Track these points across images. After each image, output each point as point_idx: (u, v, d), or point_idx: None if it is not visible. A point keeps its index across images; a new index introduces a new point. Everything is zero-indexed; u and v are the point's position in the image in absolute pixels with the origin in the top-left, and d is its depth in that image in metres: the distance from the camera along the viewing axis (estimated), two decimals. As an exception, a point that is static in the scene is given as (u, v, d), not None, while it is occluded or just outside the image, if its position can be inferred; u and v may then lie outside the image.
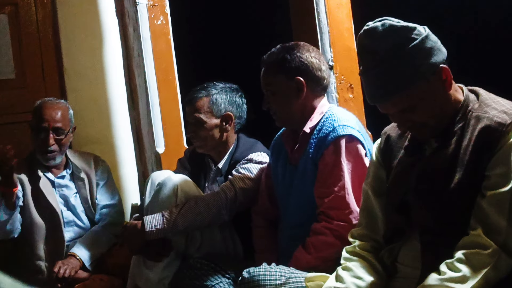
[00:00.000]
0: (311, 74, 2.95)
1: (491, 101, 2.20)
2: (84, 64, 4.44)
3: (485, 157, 2.09)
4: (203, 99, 3.41)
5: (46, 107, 3.69)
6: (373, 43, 2.19)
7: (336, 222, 2.77)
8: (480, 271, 2.02)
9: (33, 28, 4.46)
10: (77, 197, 3.81)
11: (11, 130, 4.35)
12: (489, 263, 2.02)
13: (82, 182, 3.81)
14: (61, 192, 3.78)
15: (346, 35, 3.74)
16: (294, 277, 2.65)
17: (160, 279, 3.25)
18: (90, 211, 3.84)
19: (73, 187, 3.82)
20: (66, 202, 3.79)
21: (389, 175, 2.39)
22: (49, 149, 3.65)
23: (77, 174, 3.81)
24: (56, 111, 3.69)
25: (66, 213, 3.77)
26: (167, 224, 3.13)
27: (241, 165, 3.32)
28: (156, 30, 4.00)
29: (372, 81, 2.22)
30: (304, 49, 2.98)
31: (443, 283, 2.04)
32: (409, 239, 2.29)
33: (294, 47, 2.98)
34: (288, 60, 2.93)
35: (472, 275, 2.02)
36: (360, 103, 3.71)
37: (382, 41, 2.17)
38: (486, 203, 2.07)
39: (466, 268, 2.03)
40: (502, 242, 2.03)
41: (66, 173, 3.82)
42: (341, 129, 2.84)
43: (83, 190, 3.81)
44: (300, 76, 2.93)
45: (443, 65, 2.17)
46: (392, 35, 2.16)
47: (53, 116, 3.66)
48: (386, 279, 2.33)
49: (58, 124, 3.66)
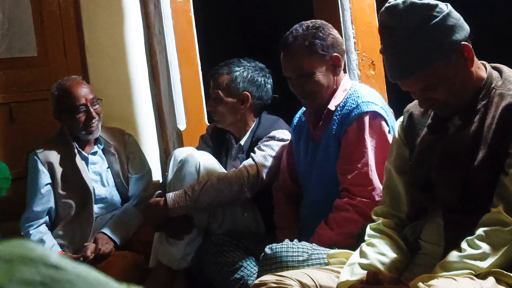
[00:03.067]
0: (341, 50, 2.96)
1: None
2: (105, 42, 4.45)
3: (509, 134, 2.09)
4: (224, 76, 3.42)
5: (73, 86, 3.70)
6: (394, 20, 2.18)
7: (359, 198, 2.78)
8: (500, 249, 2.03)
9: (54, 6, 4.47)
10: (109, 172, 3.82)
11: (33, 108, 4.38)
12: (509, 240, 2.03)
13: (113, 157, 3.81)
14: (95, 169, 3.79)
15: (368, 11, 3.72)
16: (317, 253, 2.67)
17: (183, 256, 3.28)
18: (122, 185, 3.84)
19: (105, 162, 3.83)
20: (100, 178, 3.80)
21: (412, 153, 2.39)
22: (92, 122, 3.67)
23: (108, 148, 3.81)
24: (82, 85, 3.73)
25: (99, 189, 3.77)
26: (189, 201, 3.15)
27: (263, 142, 3.32)
28: (177, 8, 4.00)
29: (393, 59, 2.21)
30: (328, 26, 2.97)
31: (462, 260, 2.05)
32: (432, 217, 2.29)
33: (321, 26, 2.96)
34: (322, 38, 2.90)
35: (492, 252, 2.03)
36: (382, 80, 3.69)
37: (403, 18, 2.16)
38: (509, 180, 2.07)
39: (486, 245, 2.04)
40: None
41: (98, 148, 3.82)
42: (365, 106, 2.84)
43: (115, 164, 3.81)
44: (335, 52, 2.93)
45: (464, 43, 2.16)
46: (413, 12, 2.15)
47: (84, 91, 3.69)
48: (409, 255, 2.35)
49: (91, 96, 3.69)
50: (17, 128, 4.31)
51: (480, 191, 2.14)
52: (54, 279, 0.58)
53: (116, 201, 3.84)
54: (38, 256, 0.59)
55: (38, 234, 3.64)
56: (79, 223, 3.70)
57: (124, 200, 3.86)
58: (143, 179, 3.87)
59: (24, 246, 0.60)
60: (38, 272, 0.58)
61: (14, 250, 0.59)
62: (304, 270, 2.48)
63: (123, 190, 3.85)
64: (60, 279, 0.58)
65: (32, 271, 0.58)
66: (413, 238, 2.35)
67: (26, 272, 0.57)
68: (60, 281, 0.58)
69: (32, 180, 3.70)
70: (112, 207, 3.82)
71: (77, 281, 0.59)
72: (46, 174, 3.68)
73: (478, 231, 2.07)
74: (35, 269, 0.58)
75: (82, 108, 3.65)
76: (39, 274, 0.58)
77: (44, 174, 3.68)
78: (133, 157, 3.89)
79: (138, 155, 3.93)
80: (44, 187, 3.67)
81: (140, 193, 3.83)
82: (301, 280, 2.35)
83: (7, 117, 4.30)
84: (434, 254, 2.23)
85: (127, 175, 3.85)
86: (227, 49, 3.91)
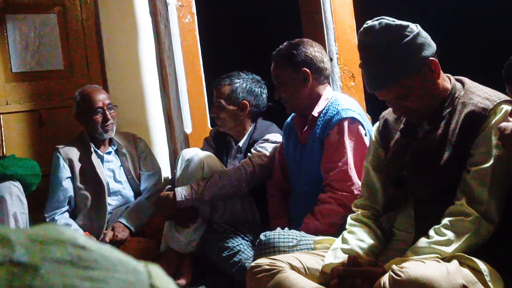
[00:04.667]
0: (315, 66, 2.94)
1: (475, 89, 2.19)
2: (122, 57, 4.43)
3: (470, 137, 2.09)
4: (226, 87, 3.41)
5: (93, 92, 3.72)
6: (370, 39, 2.18)
7: (340, 192, 2.78)
8: (462, 236, 2.03)
9: (78, 26, 4.46)
10: (121, 169, 3.83)
11: (60, 114, 4.37)
12: (470, 229, 2.03)
13: (124, 157, 3.82)
14: (109, 166, 3.79)
15: (348, 30, 3.71)
16: (304, 240, 2.66)
17: (189, 241, 3.28)
18: (134, 181, 3.84)
19: (118, 161, 3.83)
20: (113, 174, 3.80)
21: (387, 154, 2.38)
22: (108, 124, 3.68)
23: (120, 150, 3.82)
24: (101, 92, 3.75)
25: (113, 184, 3.79)
26: (195, 195, 3.15)
27: (258, 144, 3.32)
28: (184, 27, 4.00)
29: (370, 73, 2.21)
30: (308, 44, 2.97)
31: (430, 245, 2.05)
32: (404, 208, 2.28)
33: (299, 43, 2.97)
34: (295, 54, 2.92)
35: (455, 239, 2.03)
36: (361, 90, 3.68)
37: (379, 37, 2.15)
38: (470, 177, 2.07)
39: (450, 233, 2.04)
40: (483, 211, 2.04)
41: (112, 149, 3.83)
42: (344, 112, 2.83)
43: (126, 163, 3.82)
44: (305, 67, 2.92)
45: (432, 58, 2.16)
46: (387, 32, 2.15)
47: (102, 96, 3.71)
48: (384, 241, 2.34)
49: (108, 101, 3.71)
50: (46, 131, 4.30)
51: (445, 186, 2.13)
52: (81, 258, 0.58)
53: (129, 195, 3.84)
54: (67, 237, 0.60)
55: (63, 219, 3.65)
56: (95, 213, 3.69)
57: (137, 194, 3.85)
58: (154, 176, 3.87)
59: (55, 229, 0.61)
60: (68, 252, 0.58)
61: (47, 233, 0.59)
62: (293, 254, 2.48)
63: (134, 185, 3.85)
64: (87, 258, 0.58)
65: (62, 251, 0.58)
66: (388, 226, 2.35)
67: (57, 252, 0.58)
68: (86, 259, 0.58)
69: (55, 173, 3.71)
70: (125, 201, 3.81)
71: (101, 259, 0.59)
72: (67, 168, 3.70)
73: (443, 221, 2.07)
74: (65, 249, 0.58)
75: (99, 110, 3.67)
76: (68, 254, 0.58)
77: (65, 168, 3.70)
78: (144, 157, 3.89)
79: (148, 155, 3.93)
80: (65, 180, 3.69)
81: (151, 188, 3.83)
82: (291, 262, 2.36)
83: (37, 121, 4.29)
84: (406, 241, 2.23)
85: (138, 172, 3.84)
86: (227, 63, 3.90)
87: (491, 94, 2.14)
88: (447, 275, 1.90)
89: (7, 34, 4.22)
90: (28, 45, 4.31)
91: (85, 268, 0.58)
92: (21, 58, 4.28)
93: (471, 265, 1.99)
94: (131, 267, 0.61)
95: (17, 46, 4.26)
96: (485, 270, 1.97)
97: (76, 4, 4.46)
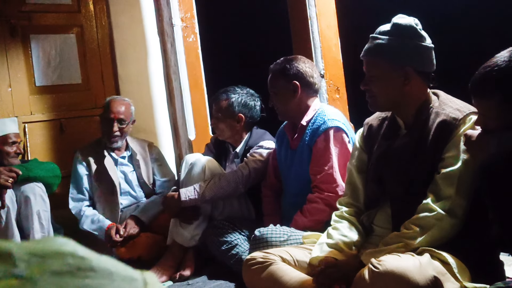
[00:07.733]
0: (305, 80, 2.94)
1: (448, 100, 2.19)
2: (133, 72, 4.43)
3: (441, 143, 2.09)
4: (223, 101, 3.41)
5: (114, 102, 3.71)
6: (390, 26, 2.21)
7: (326, 193, 2.77)
8: (427, 230, 2.04)
9: (94, 45, 4.45)
10: (133, 174, 3.79)
11: (78, 122, 4.36)
12: (434, 224, 2.03)
13: (137, 163, 3.79)
14: (122, 169, 3.77)
15: (334, 49, 3.71)
16: (294, 235, 2.66)
17: (192, 236, 3.27)
18: (145, 184, 3.80)
19: (131, 166, 3.81)
20: (125, 176, 3.77)
21: (370, 157, 2.38)
22: (113, 134, 3.66)
23: (134, 156, 3.79)
24: (120, 105, 3.70)
25: (124, 184, 3.75)
26: (198, 195, 3.14)
27: (254, 150, 3.32)
28: (188, 46, 4.00)
29: (371, 44, 2.22)
30: (301, 61, 2.97)
31: (399, 238, 2.08)
32: (382, 206, 2.28)
33: (293, 59, 2.97)
34: (288, 68, 2.93)
35: (420, 233, 2.04)
36: (345, 101, 3.68)
37: (400, 26, 2.18)
38: (440, 178, 2.07)
39: (416, 227, 2.05)
40: (448, 208, 2.03)
41: (126, 154, 3.81)
42: (330, 122, 2.83)
43: (138, 169, 3.78)
44: (296, 80, 2.92)
45: (411, 69, 2.16)
46: (409, 29, 2.19)
47: (118, 109, 3.67)
48: (365, 236, 2.34)
49: (121, 116, 3.66)
50: (65, 138, 4.28)
51: (419, 186, 2.13)
52: (79, 268, 0.56)
53: (138, 196, 3.80)
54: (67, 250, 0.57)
55: (90, 211, 3.64)
56: (109, 210, 3.67)
57: (148, 196, 3.82)
58: (169, 182, 3.83)
59: (55, 242, 0.58)
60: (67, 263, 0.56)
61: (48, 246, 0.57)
62: (284, 248, 2.48)
63: (146, 189, 3.82)
64: (85, 267, 0.56)
65: (61, 263, 0.56)
66: (368, 223, 2.34)
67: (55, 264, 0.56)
68: (85, 269, 0.56)
69: (75, 171, 3.72)
70: (135, 201, 3.78)
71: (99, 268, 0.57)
72: (85, 167, 3.70)
73: (413, 217, 2.08)
74: (64, 260, 0.56)
75: (110, 120, 3.65)
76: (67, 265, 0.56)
77: (84, 168, 3.70)
78: (158, 164, 3.87)
79: (163, 163, 3.91)
80: (83, 177, 3.69)
81: (165, 192, 3.81)
82: (282, 255, 2.36)
83: (58, 129, 4.27)
84: (384, 236, 2.22)
85: (150, 177, 3.81)
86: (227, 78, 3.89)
87: (462, 105, 2.14)
88: (419, 267, 1.90)
89: (31, 51, 4.21)
90: (50, 61, 4.29)
91: (83, 277, 0.56)
92: (43, 73, 4.27)
93: (441, 258, 1.99)
94: (128, 275, 0.59)
95: (40, 62, 4.25)
96: (453, 263, 1.97)
97: (92, 26, 4.46)
